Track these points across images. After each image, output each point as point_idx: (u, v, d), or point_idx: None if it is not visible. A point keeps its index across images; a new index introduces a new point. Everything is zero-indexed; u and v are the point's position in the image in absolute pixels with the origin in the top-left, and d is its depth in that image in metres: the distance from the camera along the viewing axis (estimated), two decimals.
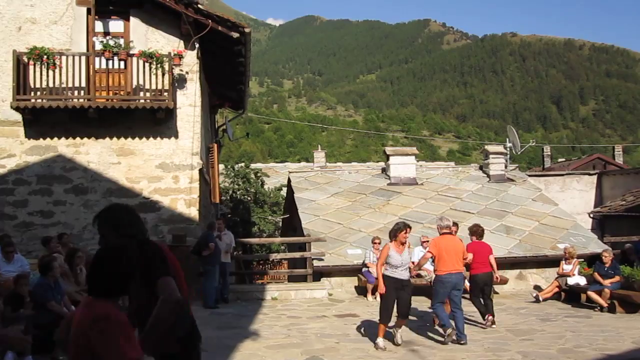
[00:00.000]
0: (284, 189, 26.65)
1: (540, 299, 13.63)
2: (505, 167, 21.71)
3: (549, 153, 41.54)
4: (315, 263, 15.25)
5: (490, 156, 21.09)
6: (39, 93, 13.77)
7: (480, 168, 21.79)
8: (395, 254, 9.02)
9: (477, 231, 11.05)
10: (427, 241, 12.43)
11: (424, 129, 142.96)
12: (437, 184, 20.30)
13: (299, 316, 12.08)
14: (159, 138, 14.47)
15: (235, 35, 14.14)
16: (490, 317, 10.57)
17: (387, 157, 20.95)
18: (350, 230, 16.77)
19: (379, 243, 14.53)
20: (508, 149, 23.91)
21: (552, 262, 15.44)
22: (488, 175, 20.79)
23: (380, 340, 9.03)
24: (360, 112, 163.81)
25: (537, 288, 14.83)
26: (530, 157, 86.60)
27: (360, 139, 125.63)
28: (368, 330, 10.20)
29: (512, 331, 10.09)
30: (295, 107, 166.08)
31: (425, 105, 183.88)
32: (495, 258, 11.04)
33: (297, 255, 16.99)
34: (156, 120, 14.22)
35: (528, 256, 15.64)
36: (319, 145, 37.94)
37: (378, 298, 13.92)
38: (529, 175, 22.45)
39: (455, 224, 11.42)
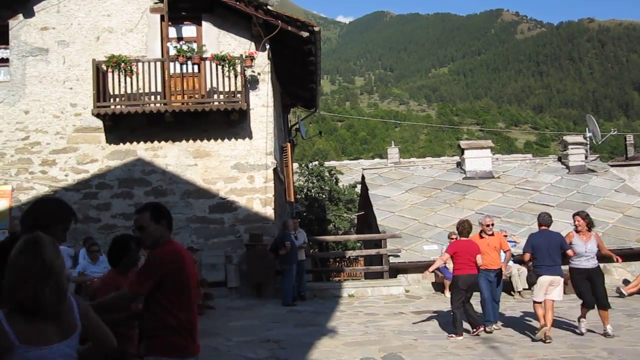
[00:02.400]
0: (359, 186, 26.62)
1: (625, 293, 13.11)
2: (586, 157, 20.96)
3: (632, 142, 39.87)
4: (392, 260, 15.17)
5: (570, 147, 20.43)
6: (117, 99, 14.22)
7: (559, 159, 21.15)
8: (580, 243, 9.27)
9: (463, 229, 9.84)
10: (506, 235, 12.15)
11: (499, 121, 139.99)
12: (515, 177, 19.84)
13: (376, 313, 12.03)
14: (233, 139, 14.70)
15: (305, 34, 14.21)
16: (482, 328, 9.56)
17: (462, 151, 20.62)
18: (425, 226, 16.60)
19: (456, 238, 14.31)
20: (588, 138, 23.08)
21: (637, 255, 14.85)
22: (567, 167, 20.15)
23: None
24: (434, 107, 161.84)
25: (626, 282, 14.28)
26: (612, 146, 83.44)
27: (434, 134, 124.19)
28: (446, 327, 10.07)
29: (596, 327, 9.75)
30: (367, 104, 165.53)
31: (500, 97, 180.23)
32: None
33: (372, 252, 16.94)
34: (230, 122, 14.45)
35: (612, 249, 15.06)
36: (393, 141, 37.72)
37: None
38: (611, 166, 21.61)
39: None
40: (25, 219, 3.59)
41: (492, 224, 10.19)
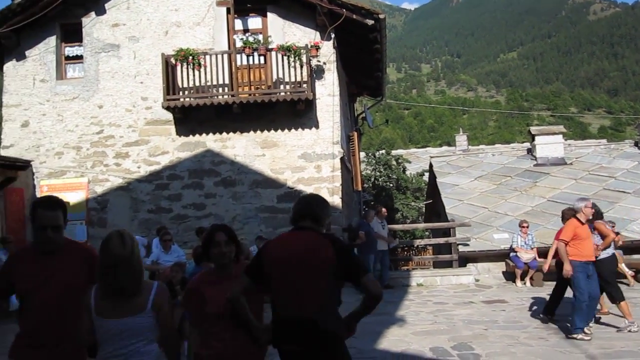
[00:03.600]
0: (426, 175, 26.41)
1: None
2: None
3: None
4: (461, 248, 15.00)
5: None
6: (186, 92, 14.50)
7: (636, 144, 20.42)
8: None
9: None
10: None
11: (571, 105, 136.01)
12: (588, 163, 19.26)
13: (445, 302, 11.92)
14: (300, 129, 14.78)
15: (370, 22, 14.13)
16: None
17: (533, 137, 20.15)
18: (495, 214, 16.33)
19: (527, 227, 14.05)
20: None
21: None
22: None
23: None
24: (502, 92, 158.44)
25: None
26: None
27: (503, 120, 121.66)
28: (518, 316, 9.89)
29: None
30: (434, 91, 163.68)
31: (572, 80, 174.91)
32: None
33: (441, 240, 16.78)
34: (297, 112, 14.52)
35: None
36: (461, 129, 37.14)
37: (528, 284, 13.57)
38: None
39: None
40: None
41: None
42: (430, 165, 21.81)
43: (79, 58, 15.66)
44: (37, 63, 15.50)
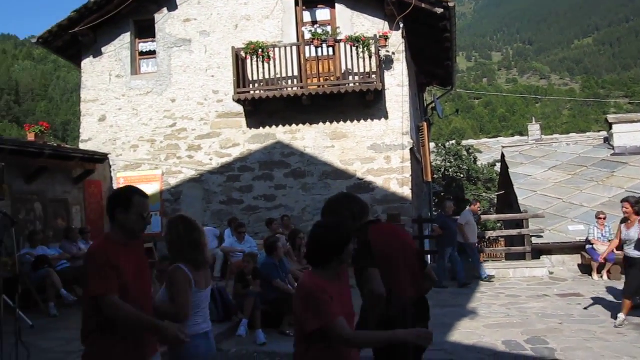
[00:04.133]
0: (498, 165, 25.92)
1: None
2: None
3: None
4: (534, 240, 14.66)
5: None
6: (256, 85, 14.66)
7: None
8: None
9: None
10: None
11: None
12: None
13: (518, 295, 11.69)
14: (369, 120, 14.73)
15: (440, 11, 13.93)
16: None
17: (610, 125, 19.46)
18: (570, 206, 15.88)
19: (605, 218, 13.61)
20: None
21: None
22: None
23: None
24: (577, 80, 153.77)
25: None
26: None
27: (578, 109, 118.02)
28: (594, 310, 9.62)
29: None
30: (505, 80, 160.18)
31: None
32: None
33: (514, 232, 16.43)
34: (366, 103, 14.48)
35: None
36: (533, 118, 36.25)
37: (605, 277, 13.15)
38: None
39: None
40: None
41: None
42: (502, 156, 21.39)
43: (152, 53, 16.05)
44: (113, 59, 15.97)
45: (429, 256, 15.62)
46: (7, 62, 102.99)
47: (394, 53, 14.66)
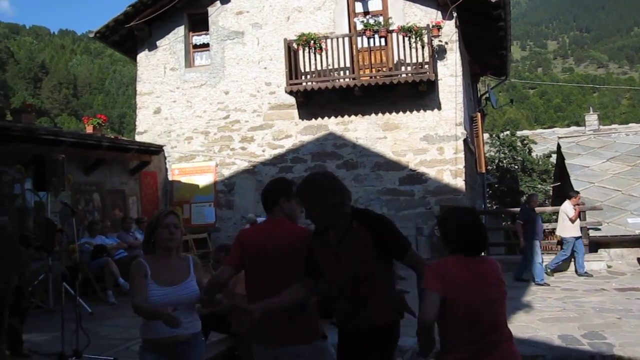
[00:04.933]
0: (554, 156, 25.39)
1: None
2: None
3: None
4: (592, 233, 14.33)
5: None
6: (308, 76, 14.69)
7: None
8: None
9: None
10: None
11: None
12: None
13: (575, 289, 11.44)
14: (422, 111, 14.61)
15: None
16: None
17: None
18: (630, 198, 15.45)
19: None
20: None
21: None
22: None
23: None
24: (637, 68, 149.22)
25: None
26: None
27: (638, 98, 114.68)
28: None
29: None
30: (561, 69, 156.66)
31: None
32: None
33: None
34: (418, 94, 14.37)
35: None
36: (591, 108, 35.34)
37: None
38: None
39: None
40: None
41: None
42: (558, 146, 20.96)
43: (205, 46, 16.24)
44: (167, 52, 16.22)
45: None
46: (65, 57, 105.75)
47: (447, 43, 14.49)
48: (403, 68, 14.31)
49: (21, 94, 64.63)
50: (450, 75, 14.50)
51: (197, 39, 16.36)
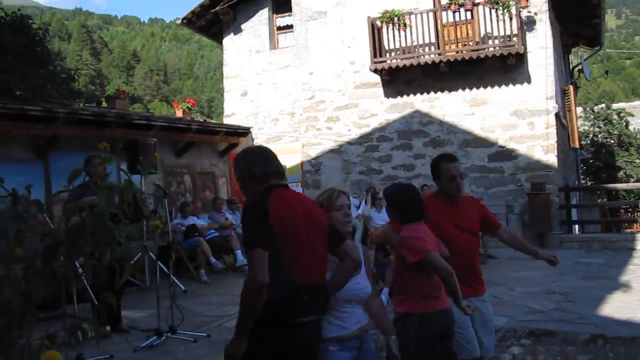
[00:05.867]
0: None
1: None
2: None
3: None
4: None
5: None
6: (393, 54, 14.54)
7: None
8: None
9: None
10: None
11: None
12: None
13: None
14: (510, 85, 14.20)
15: None
16: None
17: None
18: None
19: None
20: None
21: None
22: None
23: None
24: None
25: None
26: None
27: None
28: None
29: None
30: None
31: None
32: None
33: None
34: (506, 67, 13.97)
35: None
36: None
37: None
38: None
39: None
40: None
41: None
42: None
43: (289, 27, 16.32)
44: (252, 35, 16.41)
45: (577, 226, 14.95)
46: (155, 44, 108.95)
47: (536, 13, 13.98)
48: (490, 41, 13.92)
49: (115, 82, 67.02)
50: (540, 47, 14.00)
51: (281, 21, 16.47)
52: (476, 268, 4.32)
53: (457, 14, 14.00)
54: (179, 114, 14.64)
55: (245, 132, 15.54)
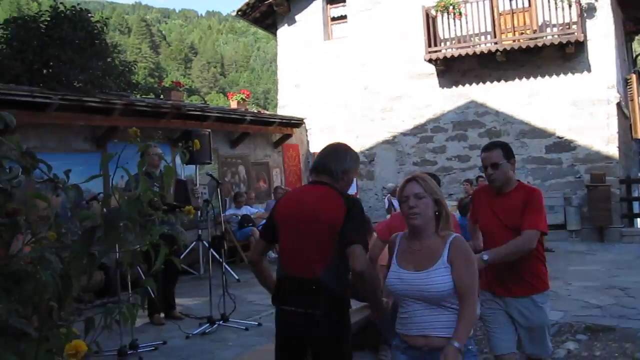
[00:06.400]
0: None
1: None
2: None
3: None
4: None
5: None
6: (447, 43, 14.34)
7: None
8: None
9: None
10: None
11: None
12: None
13: None
14: (569, 74, 13.84)
15: None
16: None
17: None
18: None
19: None
20: None
21: None
22: None
23: None
24: None
25: None
26: None
27: None
28: None
29: None
30: None
31: None
32: None
33: None
34: (565, 56, 13.62)
35: None
36: None
37: None
38: None
39: None
40: None
41: None
42: None
43: (343, 18, 16.26)
44: (306, 26, 16.42)
45: (638, 220, 14.50)
46: (212, 37, 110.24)
47: (596, 0, 13.58)
48: (549, 30, 13.60)
49: (173, 74, 68.18)
50: (600, 35, 13.59)
51: (335, 11, 16.43)
52: (517, 267, 3.88)
53: (514, 2, 13.73)
54: (233, 105, 14.78)
55: (299, 122, 15.57)
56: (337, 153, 3.44)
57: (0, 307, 1.61)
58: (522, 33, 13.95)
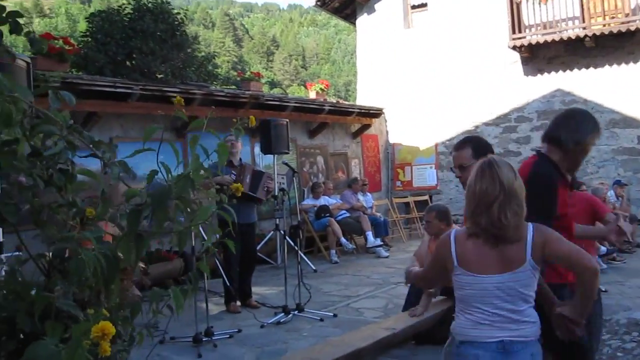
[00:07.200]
0: None
1: None
2: None
3: None
4: None
5: None
6: (532, 29, 13.84)
7: None
8: None
9: None
10: None
11: None
12: None
13: None
14: None
15: None
16: None
17: None
18: None
19: None
20: None
21: None
22: None
23: None
24: None
25: None
26: None
27: None
28: None
29: None
30: None
31: None
32: None
33: None
34: None
35: None
36: None
37: None
38: None
39: None
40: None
41: None
42: None
43: (424, 6, 15.94)
44: (386, 15, 16.19)
45: None
46: (294, 30, 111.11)
47: None
48: None
49: (255, 67, 69.05)
50: None
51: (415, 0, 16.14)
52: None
53: None
54: (312, 95, 14.75)
55: (378, 112, 15.40)
56: (572, 119, 3.33)
57: (57, 289, 1.57)
58: (612, 17, 13.29)
